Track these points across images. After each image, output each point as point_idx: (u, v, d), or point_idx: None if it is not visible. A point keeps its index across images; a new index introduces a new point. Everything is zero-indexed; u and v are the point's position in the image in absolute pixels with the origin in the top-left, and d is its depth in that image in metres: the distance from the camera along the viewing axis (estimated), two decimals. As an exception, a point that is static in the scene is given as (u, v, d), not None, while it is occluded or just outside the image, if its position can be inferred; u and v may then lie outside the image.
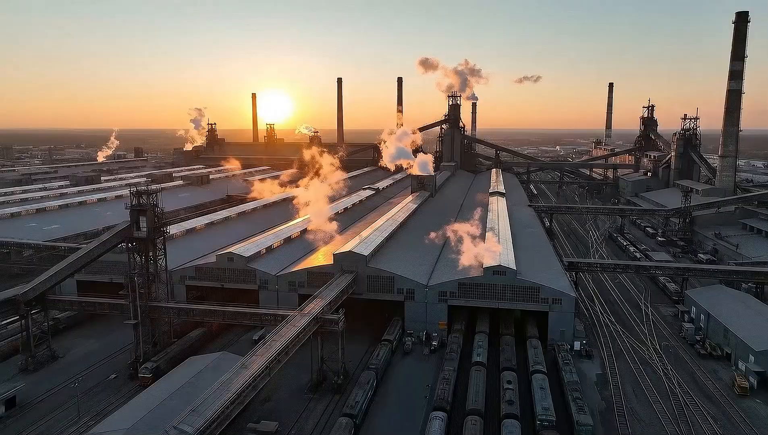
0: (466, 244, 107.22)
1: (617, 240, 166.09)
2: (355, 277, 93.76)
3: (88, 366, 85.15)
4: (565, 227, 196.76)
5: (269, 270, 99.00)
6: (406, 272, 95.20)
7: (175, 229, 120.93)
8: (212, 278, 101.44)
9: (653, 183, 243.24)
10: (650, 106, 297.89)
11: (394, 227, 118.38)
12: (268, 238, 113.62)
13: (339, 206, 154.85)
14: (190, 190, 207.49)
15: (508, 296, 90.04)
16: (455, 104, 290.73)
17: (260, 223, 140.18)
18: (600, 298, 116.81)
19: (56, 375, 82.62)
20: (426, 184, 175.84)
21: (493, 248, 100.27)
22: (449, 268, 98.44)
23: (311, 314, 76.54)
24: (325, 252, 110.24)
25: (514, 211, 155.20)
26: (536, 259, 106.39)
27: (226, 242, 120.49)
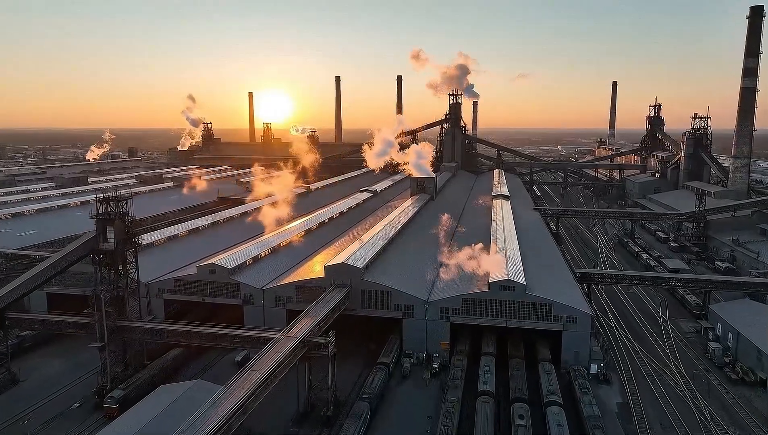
0: (469, 253, 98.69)
1: (628, 245, 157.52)
2: (348, 292, 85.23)
3: (51, 391, 76.65)
4: (571, 231, 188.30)
5: (255, 283, 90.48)
6: (405, 286, 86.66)
7: (155, 235, 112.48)
8: (193, 292, 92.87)
9: (662, 184, 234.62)
10: (656, 104, 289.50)
11: (392, 235, 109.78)
12: (256, 246, 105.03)
13: (334, 210, 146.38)
14: (181, 192, 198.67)
15: (517, 314, 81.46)
16: (456, 103, 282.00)
17: (250, 229, 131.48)
18: (614, 310, 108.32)
19: (16, 402, 74.13)
20: (426, 187, 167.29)
21: (500, 259, 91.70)
22: (452, 281, 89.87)
23: (297, 337, 68.06)
24: (318, 261, 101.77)
25: (520, 215, 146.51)
26: (546, 271, 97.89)
27: (212, 250, 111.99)
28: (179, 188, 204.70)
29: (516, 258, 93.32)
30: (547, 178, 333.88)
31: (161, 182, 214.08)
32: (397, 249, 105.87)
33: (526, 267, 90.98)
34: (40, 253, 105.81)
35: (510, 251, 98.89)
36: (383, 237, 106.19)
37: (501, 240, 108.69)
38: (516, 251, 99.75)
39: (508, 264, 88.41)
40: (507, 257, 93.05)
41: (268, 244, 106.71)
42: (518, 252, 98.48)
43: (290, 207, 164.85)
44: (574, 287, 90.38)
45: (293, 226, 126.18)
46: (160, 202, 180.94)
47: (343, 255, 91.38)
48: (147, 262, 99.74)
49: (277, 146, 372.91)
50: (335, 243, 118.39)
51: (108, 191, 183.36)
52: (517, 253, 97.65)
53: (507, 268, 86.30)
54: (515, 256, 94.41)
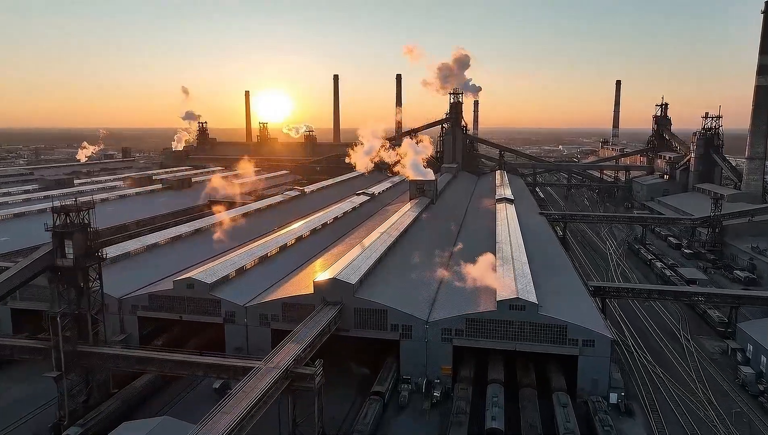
0: (473, 265, 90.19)
1: (639, 252, 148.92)
2: (339, 311, 76.69)
3: (6, 424, 68.17)
4: (578, 236, 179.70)
5: (237, 299, 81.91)
6: (402, 304, 78.11)
7: (133, 244, 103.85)
8: (169, 308, 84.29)
9: (670, 186, 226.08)
10: (663, 104, 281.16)
11: (389, 244, 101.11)
12: (241, 256, 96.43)
13: (329, 215, 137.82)
14: (170, 195, 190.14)
15: (528, 336, 72.91)
16: (457, 102, 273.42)
17: (237, 236, 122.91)
18: (629, 326, 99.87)
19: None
20: (426, 190, 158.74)
21: (507, 274, 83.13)
22: (454, 298, 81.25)
23: (280, 367, 59.54)
24: (308, 274, 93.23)
25: (525, 221, 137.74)
26: (557, 284, 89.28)
27: (194, 260, 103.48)
28: (168, 190, 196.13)
29: (525, 272, 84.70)
30: (550, 179, 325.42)
31: (150, 184, 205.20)
32: (394, 260, 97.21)
33: (536, 281, 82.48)
34: (4, 264, 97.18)
35: (518, 263, 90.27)
36: (379, 247, 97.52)
37: (507, 250, 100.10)
38: (524, 263, 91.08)
39: (517, 279, 79.84)
40: (515, 271, 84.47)
41: (255, 254, 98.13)
42: (527, 264, 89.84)
43: (283, 211, 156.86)
44: (590, 304, 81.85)
45: (283, 233, 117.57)
46: (146, 205, 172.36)
47: (335, 269, 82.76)
48: (122, 275, 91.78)
49: (273, 146, 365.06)
50: (329, 251, 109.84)
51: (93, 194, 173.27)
52: (526, 265, 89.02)
53: (516, 284, 77.72)
54: (524, 270, 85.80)
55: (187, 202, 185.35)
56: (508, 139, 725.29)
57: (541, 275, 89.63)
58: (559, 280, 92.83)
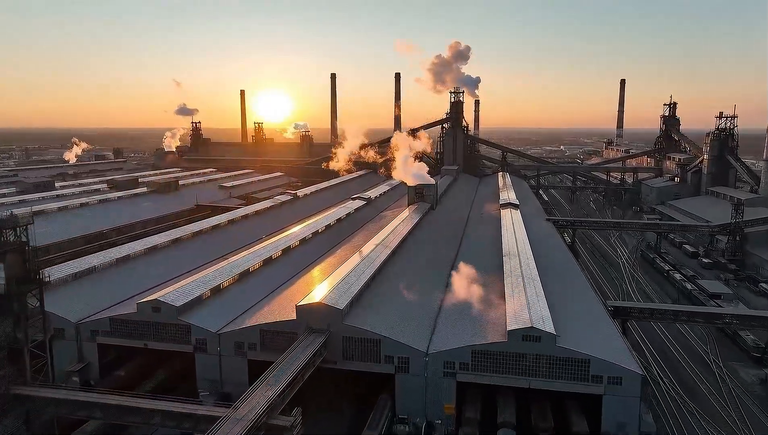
0: (479, 284, 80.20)
1: (655, 262, 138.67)
2: (326, 340, 66.46)
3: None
4: (587, 243, 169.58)
5: (209, 324, 71.64)
6: (399, 331, 67.89)
7: (99, 258, 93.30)
8: (133, 334, 74.00)
9: (681, 189, 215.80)
10: (671, 103, 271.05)
11: (383, 259, 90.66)
12: (220, 272, 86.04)
13: (321, 223, 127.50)
14: (154, 199, 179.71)
15: (544, 371, 62.67)
16: (458, 101, 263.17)
17: (219, 246, 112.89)
18: (651, 348, 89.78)
19: None
20: (425, 195, 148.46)
21: (519, 297, 72.92)
22: (458, 325, 70.94)
23: (249, 419, 49.36)
24: (294, 293, 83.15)
25: (532, 228, 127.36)
26: (572, 305, 79.21)
27: (169, 275, 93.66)
28: (154, 194, 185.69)
29: (538, 292, 74.39)
30: (553, 181, 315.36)
31: (135, 187, 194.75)
32: (389, 278, 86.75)
33: (549, 302, 72.23)
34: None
35: (529, 281, 79.90)
36: (372, 263, 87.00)
37: (516, 264, 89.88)
38: (536, 281, 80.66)
39: (530, 303, 69.59)
40: (526, 292, 74.21)
41: (234, 270, 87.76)
42: (539, 282, 79.50)
43: (272, 217, 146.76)
44: (613, 331, 71.58)
45: (270, 243, 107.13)
46: (128, 210, 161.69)
47: (321, 290, 72.41)
48: (83, 294, 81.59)
49: (269, 147, 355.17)
50: (318, 265, 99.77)
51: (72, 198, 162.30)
52: (538, 284, 78.69)
53: (529, 309, 67.47)
54: (537, 290, 75.50)
55: (173, 207, 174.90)
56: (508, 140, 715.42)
57: (554, 293, 79.45)
58: (574, 299, 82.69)
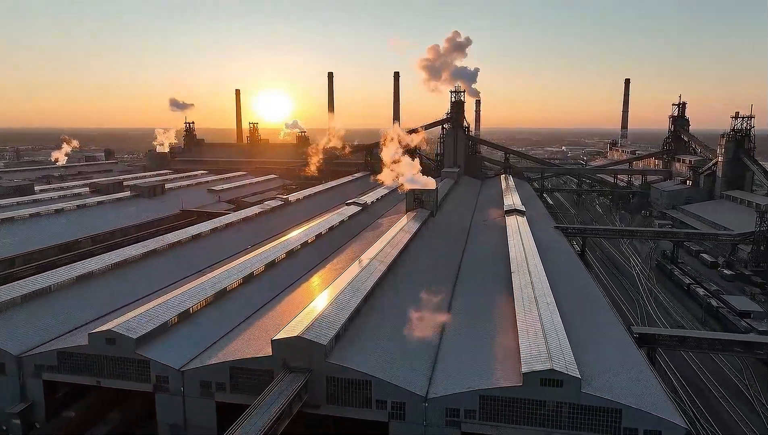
0: (485, 309, 69.92)
1: (673, 274, 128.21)
2: (307, 381, 56.19)
3: None
4: (596, 251, 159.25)
5: (172, 359, 61.35)
6: (393, 371, 57.55)
7: (57, 276, 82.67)
8: (84, 370, 63.72)
9: (693, 193, 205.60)
10: (681, 103, 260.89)
11: (376, 279, 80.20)
12: (192, 292, 75.59)
13: (311, 232, 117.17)
14: (137, 204, 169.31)
15: (566, 422, 52.33)
16: (458, 100, 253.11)
17: (198, 259, 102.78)
18: (682, 380, 79.47)
19: None
20: (425, 201, 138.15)
21: (532, 326, 62.60)
22: (462, 362, 60.55)
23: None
24: (273, 320, 72.97)
25: (540, 238, 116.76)
26: (593, 332, 68.95)
27: (136, 295, 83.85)
28: (137, 199, 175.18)
29: (555, 322, 63.96)
30: (556, 183, 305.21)
31: (119, 191, 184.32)
32: (383, 303, 76.22)
33: (568, 332, 62.03)
34: None
35: (543, 307, 69.43)
36: (363, 285, 76.23)
37: (526, 282, 79.63)
38: (552, 306, 70.10)
39: (547, 335, 59.21)
40: (542, 320, 63.83)
41: (209, 290, 77.36)
42: (555, 308, 69.06)
43: (260, 225, 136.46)
44: (644, 368, 61.01)
45: (253, 256, 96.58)
46: (108, 216, 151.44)
47: (302, 321, 61.92)
48: (32, 320, 71.15)
49: (264, 148, 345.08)
50: (305, 283, 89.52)
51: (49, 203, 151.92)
52: (554, 309, 68.27)
53: (546, 344, 57.14)
54: (553, 318, 65.11)
55: (157, 212, 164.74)
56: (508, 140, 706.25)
57: (571, 318, 69.30)
58: (594, 325, 72.28)
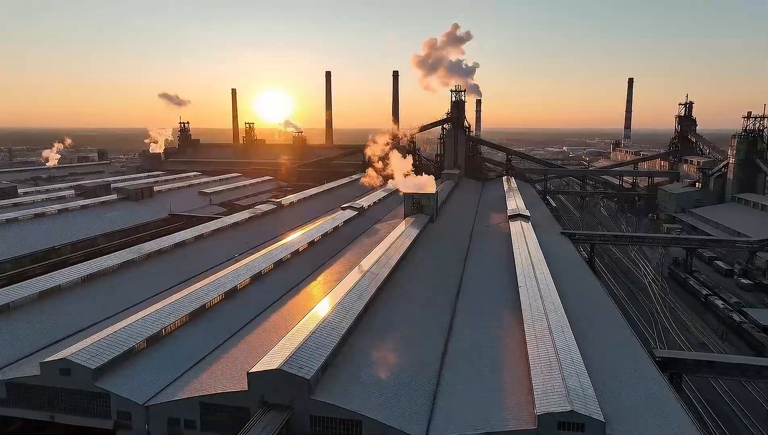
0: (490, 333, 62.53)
1: (687, 283, 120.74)
2: (287, 421, 48.68)
3: None
4: (604, 257, 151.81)
5: (136, 392, 53.77)
6: (387, 408, 49.98)
7: (15, 292, 75.15)
8: (36, 404, 56.16)
9: (703, 196, 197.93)
10: (687, 102, 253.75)
11: (369, 296, 72.58)
12: (166, 310, 68.16)
13: (303, 239, 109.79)
14: (124, 208, 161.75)
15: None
16: (459, 100, 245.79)
17: (179, 271, 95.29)
18: (704, 401, 72.03)
19: None
20: (424, 205, 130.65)
21: (545, 355, 55.10)
22: (466, 396, 52.97)
23: None
24: (255, 344, 65.54)
25: (547, 246, 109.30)
26: (612, 357, 61.48)
27: (106, 313, 76.16)
28: (124, 202, 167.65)
29: (571, 350, 56.40)
30: (559, 185, 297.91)
31: (106, 194, 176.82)
32: (377, 325, 68.59)
33: (586, 359, 54.64)
34: None
35: (557, 329, 61.85)
36: (352, 307, 68.69)
37: (535, 298, 72.24)
38: (566, 330, 62.54)
39: (563, 368, 51.65)
40: (556, 346, 56.28)
41: (184, 307, 69.88)
42: (570, 332, 61.53)
43: (250, 231, 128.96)
44: (673, 402, 53.53)
45: (239, 267, 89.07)
46: (91, 221, 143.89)
47: (283, 349, 54.33)
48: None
49: (260, 148, 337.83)
50: (292, 300, 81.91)
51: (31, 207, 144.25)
52: (569, 333, 60.75)
53: (563, 378, 49.60)
54: (569, 344, 57.60)
55: (144, 217, 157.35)
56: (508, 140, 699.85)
57: (586, 340, 62.00)
58: (613, 350, 64.68)
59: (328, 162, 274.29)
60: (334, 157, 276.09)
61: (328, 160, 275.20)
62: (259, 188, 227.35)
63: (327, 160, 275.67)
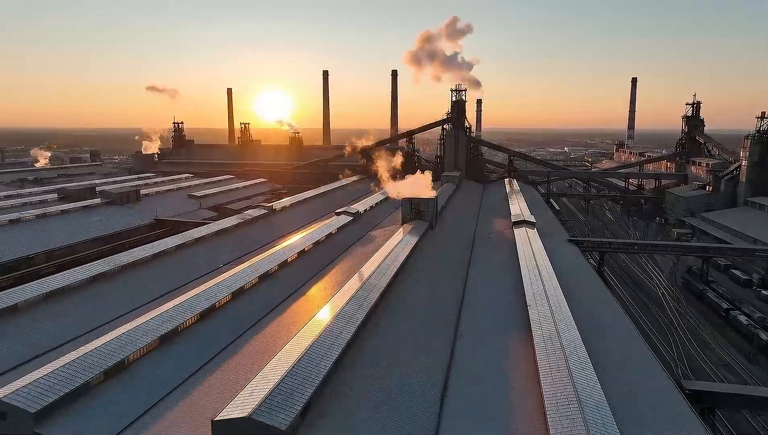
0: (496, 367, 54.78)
1: (705, 295, 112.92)
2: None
3: None
4: (611, 263, 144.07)
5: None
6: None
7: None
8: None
9: (714, 200, 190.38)
10: (695, 102, 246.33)
11: (359, 321, 64.52)
12: (127, 337, 60.25)
13: (293, 249, 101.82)
14: (107, 213, 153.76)
15: None
16: (459, 99, 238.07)
17: (155, 285, 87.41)
18: None
19: None
20: (423, 211, 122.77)
21: (563, 391, 47.27)
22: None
23: None
24: (229, 377, 57.64)
25: (555, 257, 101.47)
26: (636, 393, 53.60)
27: (65, 336, 68.22)
28: (108, 206, 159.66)
29: (594, 392, 48.42)
30: (561, 186, 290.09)
31: (91, 197, 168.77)
32: (368, 355, 60.52)
33: (611, 402, 46.88)
34: None
35: (573, 358, 54.09)
36: (341, 334, 60.57)
37: (547, 319, 64.45)
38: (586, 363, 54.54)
39: (587, 417, 43.66)
40: (577, 390, 48.24)
41: (153, 332, 61.92)
42: (591, 368, 53.49)
43: (237, 239, 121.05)
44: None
45: (220, 282, 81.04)
46: (71, 227, 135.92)
47: (256, 390, 46.39)
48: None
49: (256, 149, 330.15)
50: (275, 320, 74.00)
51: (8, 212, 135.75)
52: (591, 371, 52.74)
53: (585, 424, 41.76)
54: (590, 384, 49.64)
55: (128, 222, 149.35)
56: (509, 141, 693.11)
57: (606, 370, 54.31)
58: (637, 382, 56.77)
59: (325, 163, 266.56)
60: (330, 159, 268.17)
61: (324, 162, 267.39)
62: (253, 191, 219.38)
63: (324, 162, 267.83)
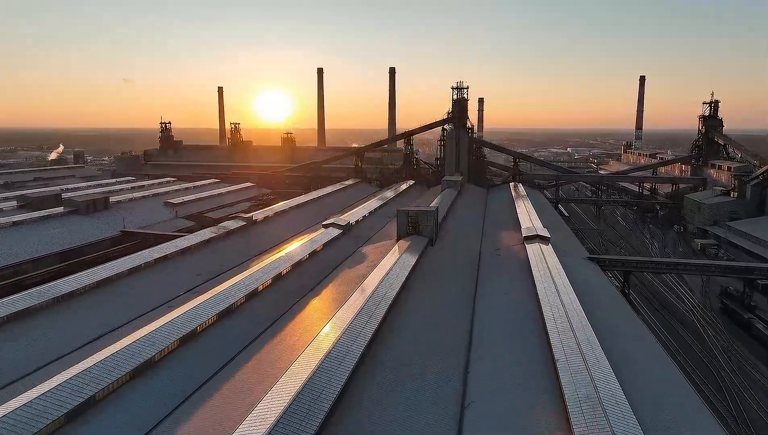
0: (517, 421, 38.77)
1: (752, 324, 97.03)
2: None
3: None
4: (634, 280, 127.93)
5: None
6: None
7: None
8: None
9: (739, 207, 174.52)
10: (713, 101, 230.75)
11: (349, 371, 48.61)
12: (73, 383, 44.15)
13: (267, 272, 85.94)
14: (70, 223, 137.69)
15: None
16: (461, 98, 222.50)
17: (106, 316, 71.37)
18: None
19: None
20: (421, 225, 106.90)
21: None
22: None
23: None
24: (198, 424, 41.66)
25: (575, 278, 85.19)
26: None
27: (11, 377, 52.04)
28: (71, 216, 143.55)
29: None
30: (567, 189, 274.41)
31: (56, 205, 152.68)
32: (359, 408, 44.81)
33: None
34: None
35: (614, 415, 38.19)
36: (331, 381, 44.93)
37: (578, 365, 48.44)
38: (631, 419, 38.74)
39: None
40: None
41: (105, 378, 45.89)
42: (633, 418, 37.79)
43: (207, 257, 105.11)
44: None
45: (181, 315, 64.96)
46: (27, 240, 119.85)
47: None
48: None
49: (248, 150, 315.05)
50: (243, 368, 57.99)
51: None
52: (632, 419, 36.92)
53: None
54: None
55: (90, 235, 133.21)
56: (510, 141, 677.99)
57: (649, 428, 38.69)
58: None
59: (318, 166, 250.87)
60: (324, 161, 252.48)
61: (317, 164, 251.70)
62: (238, 196, 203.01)
63: (317, 164, 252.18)
